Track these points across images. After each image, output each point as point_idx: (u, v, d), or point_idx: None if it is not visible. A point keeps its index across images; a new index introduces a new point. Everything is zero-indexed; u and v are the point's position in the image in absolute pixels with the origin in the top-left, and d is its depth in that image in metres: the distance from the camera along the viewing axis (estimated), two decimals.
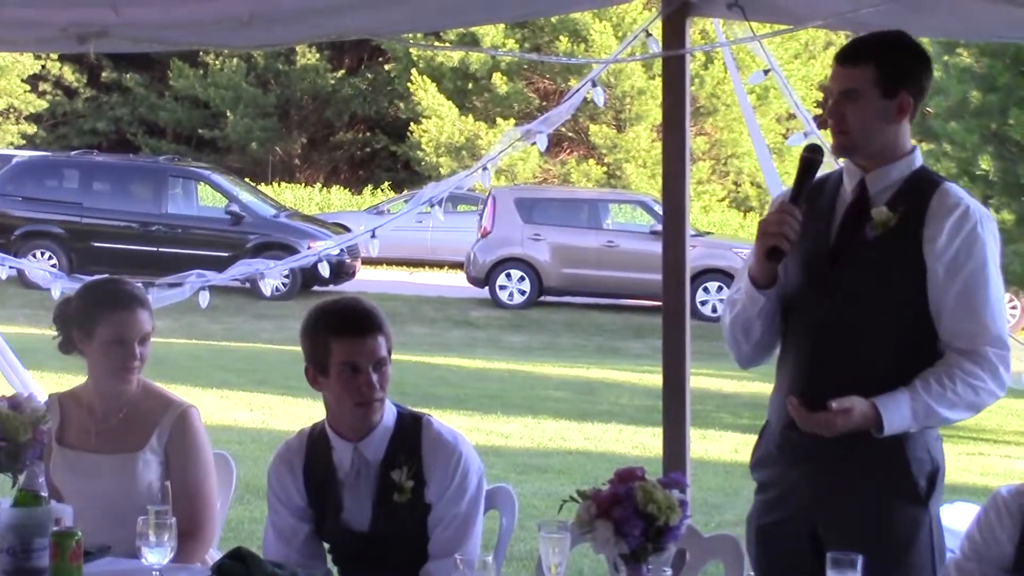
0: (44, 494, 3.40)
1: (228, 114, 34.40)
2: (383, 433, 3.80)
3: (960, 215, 3.55)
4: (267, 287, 6.76)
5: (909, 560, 3.53)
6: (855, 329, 3.61)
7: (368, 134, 36.44)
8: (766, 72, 5.49)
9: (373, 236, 6.42)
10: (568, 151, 31.43)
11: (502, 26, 29.00)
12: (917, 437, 3.57)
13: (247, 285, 19.03)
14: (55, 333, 4.27)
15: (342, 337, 3.73)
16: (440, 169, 29.34)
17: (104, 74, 35.43)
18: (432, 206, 6.28)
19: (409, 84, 31.53)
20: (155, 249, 21.35)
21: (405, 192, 29.62)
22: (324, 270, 6.74)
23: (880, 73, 3.59)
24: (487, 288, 21.99)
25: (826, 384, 3.54)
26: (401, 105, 33.49)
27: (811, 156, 3.70)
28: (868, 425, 3.48)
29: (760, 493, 3.81)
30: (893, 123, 3.63)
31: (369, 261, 22.73)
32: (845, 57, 3.65)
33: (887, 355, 3.56)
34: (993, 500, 3.33)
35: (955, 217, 3.55)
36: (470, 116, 30.88)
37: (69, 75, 35.40)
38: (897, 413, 3.47)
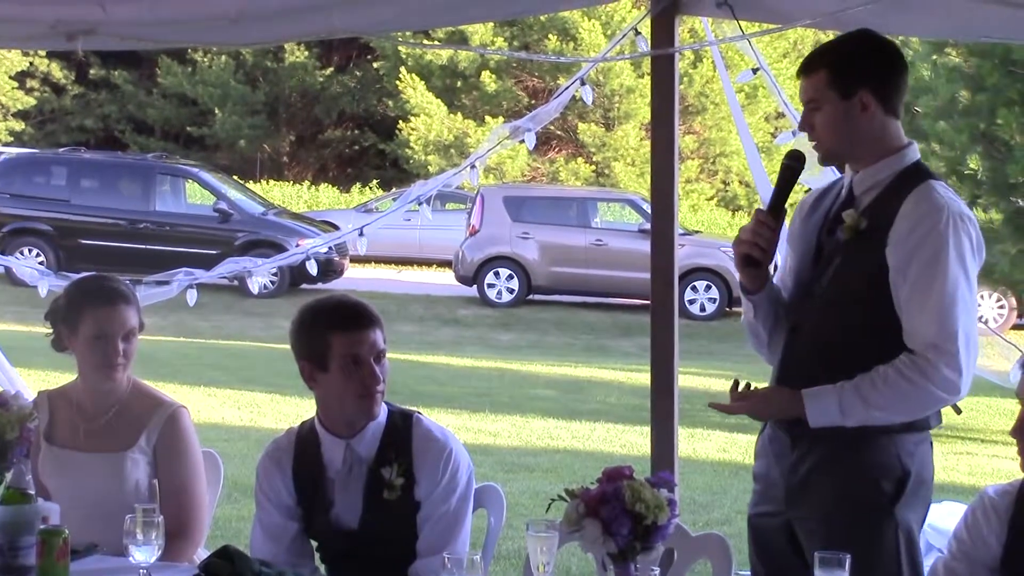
0: (31, 492, 3.39)
1: (216, 111, 34.32)
2: (375, 430, 3.80)
3: (925, 213, 3.47)
4: (255, 285, 6.80)
5: (871, 564, 3.43)
6: (823, 334, 3.60)
7: (356, 132, 36.37)
8: (755, 71, 5.49)
9: (361, 234, 6.41)
10: (556, 149, 31.41)
11: (491, 24, 28.98)
12: (884, 442, 3.52)
13: (235, 283, 19.06)
14: (49, 331, 4.25)
15: (343, 331, 3.73)
16: (428, 167, 29.30)
17: (92, 71, 35.30)
18: (420, 204, 6.28)
19: (398, 82, 31.48)
20: (143, 246, 21.29)
21: (393, 190, 29.56)
22: (312, 268, 6.75)
23: (832, 76, 3.57)
24: (475, 286, 21.97)
25: (794, 388, 3.56)
26: (390, 103, 33.44)
27: (790, 164, 3.70)
28: (794, 414, 3.51)
29: (753, 483, 3.84)
30: (862, 122, 3.58)
31: (357, 259, 22.68)
32: (801, 70, 3.66)
33: (854, 360, 3.51)
34: (980, 500, 3.33)
35: (919, 215, 3.47)
36: (459, 114, 30.85)
37: (57, 72, 35.28)
38: (820, 404, 3.49)
